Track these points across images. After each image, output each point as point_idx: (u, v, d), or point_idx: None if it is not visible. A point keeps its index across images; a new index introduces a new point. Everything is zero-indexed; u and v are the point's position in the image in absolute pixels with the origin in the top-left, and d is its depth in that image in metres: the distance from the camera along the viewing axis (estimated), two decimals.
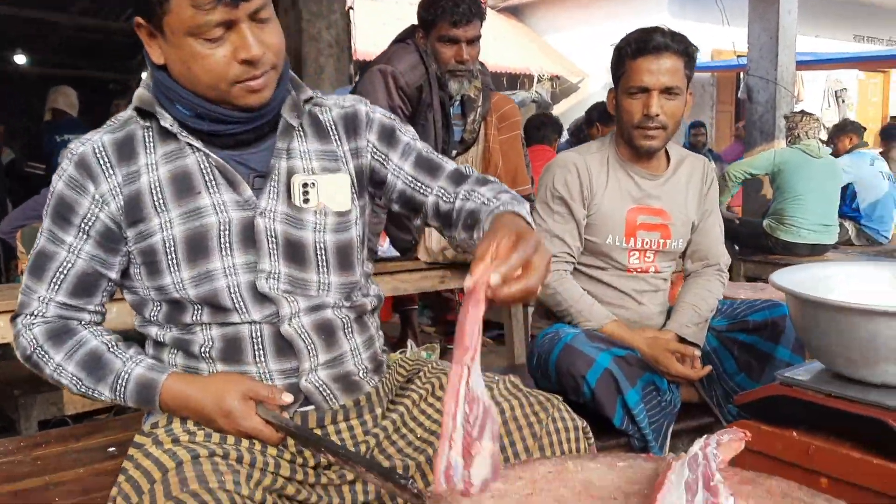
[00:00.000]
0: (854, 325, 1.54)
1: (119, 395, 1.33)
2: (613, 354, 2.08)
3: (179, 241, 1.32)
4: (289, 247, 1.37)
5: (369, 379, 1.47)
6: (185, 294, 1.33)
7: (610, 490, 1.17)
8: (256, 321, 1.35)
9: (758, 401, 1.74)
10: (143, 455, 1.23)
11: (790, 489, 1.16)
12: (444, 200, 1.46)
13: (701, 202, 2.37)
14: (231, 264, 1.33)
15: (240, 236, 1.34)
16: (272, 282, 1.35)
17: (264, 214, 1.35)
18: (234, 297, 1.34)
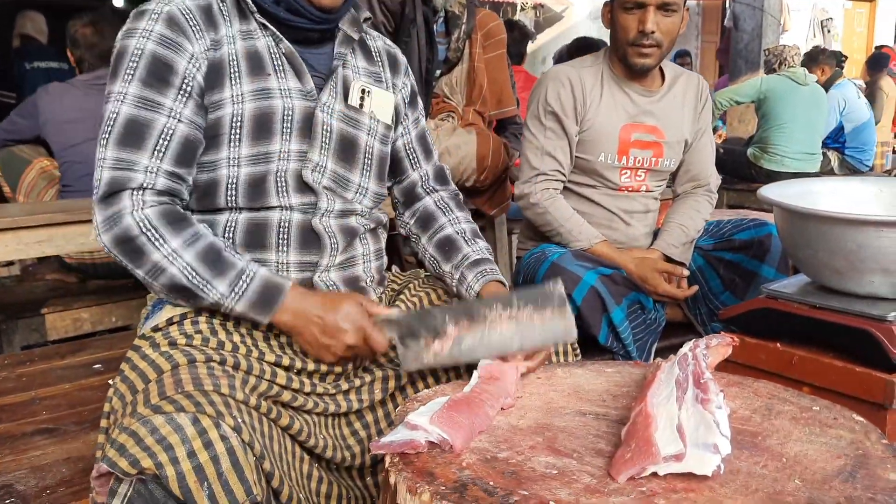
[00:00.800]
0: (841, 236, 1.54)
1: (236, 293, 1.26)
2: (599, 273, 2.08)
3: (248, 117, 1.32)
4: (342, 143, 1.41)
5: (374, 288, 1.50)
6: (236, 171, 1.32)
7: (598, 393, 1.18)
8: (293, 206, 1.36)
9: (743, 314, 1.76)
10: (139, 357, 1.22)
11: (776, 390, 1.17)
12: (422, 186, 1.63)
13: (695, 121, 2.34)
14: (287, 149, 1.35)
15: (300, 124, 1.36)
16: (316, 174, 1.37)
17: (323, 109, 1.39)
18: (279, 181, 1.35)
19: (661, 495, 0.85)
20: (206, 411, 1.06)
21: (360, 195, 1.45)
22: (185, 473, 1.01)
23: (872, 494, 0.85)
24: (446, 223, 1.59)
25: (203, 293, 1.26)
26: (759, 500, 0.84)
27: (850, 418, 1.06)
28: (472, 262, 1.51)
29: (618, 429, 1.02)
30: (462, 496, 0.85)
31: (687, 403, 0.97)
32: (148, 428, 1.04)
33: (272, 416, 1.18)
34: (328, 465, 1.29)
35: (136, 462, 1.01)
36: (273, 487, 1.10)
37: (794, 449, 0.97)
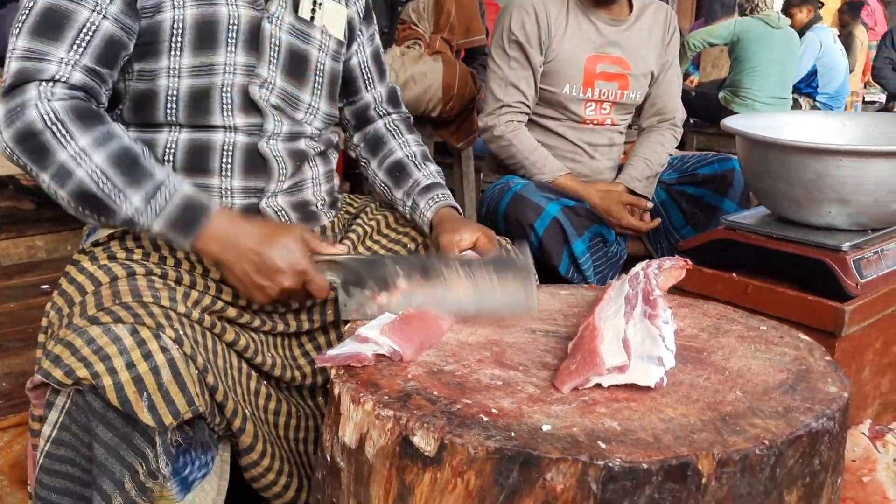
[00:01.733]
0: (801, 166, 1.54)
1: (152, 209, 1.11)
2: (562, 205, 2.07)
3: (190, 24, 1.23)
4: (291, 59, 1.33)
5: (326, 211, 1.45)
6: (176, 83, 1.24)
7: (551, 312, 1.18)
8: (237, 127, 1.28)
9: (702, 245, 1.77)
10: (77, 271, 1.18)
11: (726, 311, 1.18)
12: (374, 108, 1.58)
13: (662, 52, 2.30)
14: (232, 62, 1.27)
15: (246, 35, 1.28)
16: (264, 91, 1.30)
17: (272, 20, 1.30)
18: (224, 97, 1.27)
19: (602, 404, 0.86)
20: (145, 322, 1.03)
21: (310, 115, 1.38)
22: (124, 384, 0.99)
23: (811, 405, 0.86)
24: (396, 147, 1.53)
25: (114, 204, 1.10)
26: (699, 409, 0.85)
27: (795, 337, 1.07)
28: (424, 187, 1.47)
29: (566, 344, 1.02)
30: (405, 404, 0.85)
31: (634, 318, 0.97)
32: (84, 339, 1.01)
33: (216, 331, 1.15)
34: (278, 383, 1.28)
35: (71, 372, 0.99)
36: (217, 401, 1.08)
37: (738, 364, 0.98)
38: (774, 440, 0.78)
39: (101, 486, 1.02)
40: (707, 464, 0.75)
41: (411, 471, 0.81)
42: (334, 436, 0.91)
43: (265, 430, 1.20)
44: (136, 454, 1.03)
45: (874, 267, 1.57)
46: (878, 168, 1.49)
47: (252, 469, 1.17)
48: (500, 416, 0.82)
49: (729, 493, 0.77)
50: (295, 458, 1.25)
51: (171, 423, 1.02)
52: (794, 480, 0.81)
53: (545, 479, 0.75)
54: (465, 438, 0.77)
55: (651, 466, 0.74)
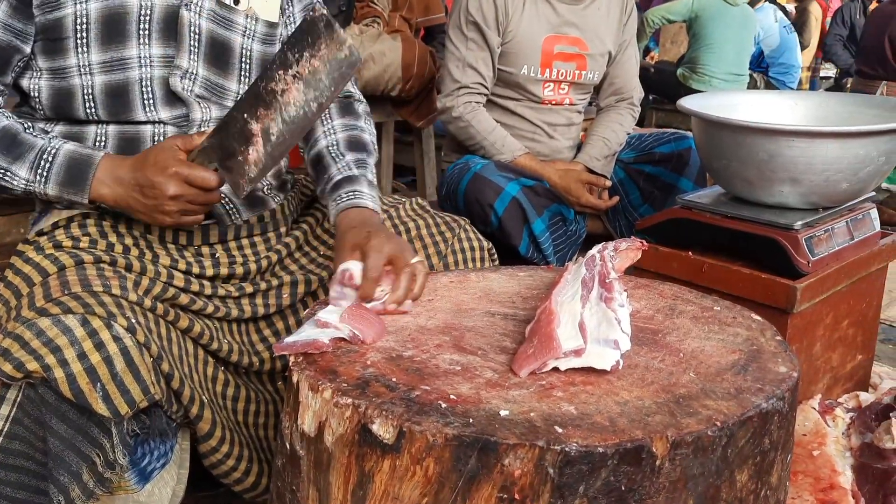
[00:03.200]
0: (753, 146, 1.56)
1: (40, 175, 1.15)
2: (522, 184, 2.09)
3: (94, 19, 1.20)
4: (213, 47, 1.29)
5: (274, 195, 1.43)
6: (89, 80, 1.22)
7: (509, 295, 1.18)
8: (163, 121, 1.26)
9: (658, 224, 1.79)
10: (23, 261, 1.16)
11: (681, 292, 1.20)
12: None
13: (619, 32, 2.31)
14: (147, 55, 1.23)
15: (161, 25, 1.24)
16: (187, 82, 1.26)
17: (190, 7, 1.25)
18: (144, 91, 1.24)
19: (559, 388, 0.87)
20: (95, 312, 1.02)
21: None
22: (76, 375, 0.97)
23: (761, 385, 0.88)
24: (321, 135, 1.42)
25: (8, 178, 1.15)
26: (654, 392, 0.86)
27: (748, 317, 1.09)
28: (333, 185, 1.33)
29: (524, 328, 1.03)
30: (364, 392, 0.85)
31: (591, 302, 0.98)
32: (33, 331, 0.99)
33: (169, 319, 1.14)
34: (236, 369, 1.27)
35: (20, 365, 0.97)
36: (173, 389, 1.07)
37: (691, 345, 0.99)
38: (726, 421, 0.80)
39: (58, 479, 1.00)
40: (661, 446, 0.77)
41: (370, 458, 0.81)
42: (293, 423, 0.91)
43: (224, 417, 1.19)
44: (93, 445, 1.02)
45: (825, 245, 1.61)
46: (828, 148, 1.52)
47: (211, 456, 1.16)
48: (459, 402, 0.83)
49: (682, 473, 0.78)
50: (255, 444, 1.25)
51: (127, 413, 1.01)
52: (745, 460, 0.83)
53: (503, 465, 0.76)
54: (423, 426, 0.78)
55: (607, 450, 0.75)
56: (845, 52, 6.45)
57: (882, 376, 1.94)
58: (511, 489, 0.76)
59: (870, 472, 1.37)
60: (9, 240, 2.59)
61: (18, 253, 1.20)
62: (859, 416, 1.47)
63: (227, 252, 1.34)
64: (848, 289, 1.71)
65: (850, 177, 1.56)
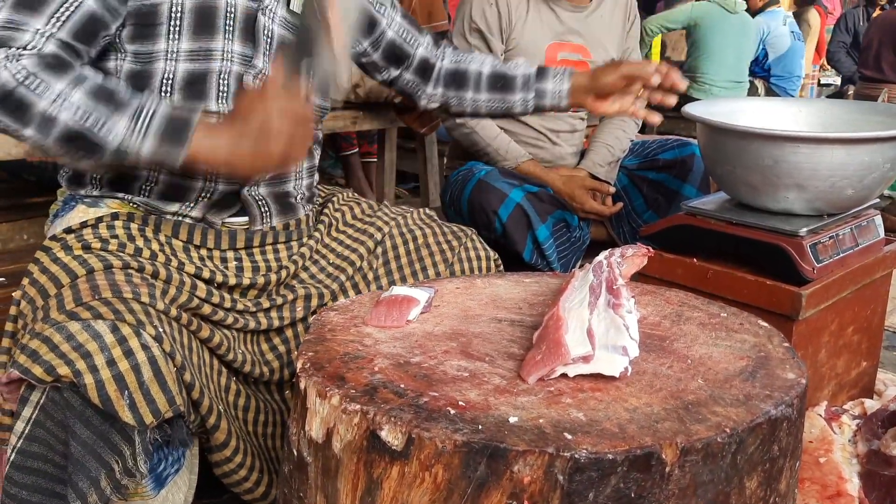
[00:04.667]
0: (758, 152, 1.56)
1: (140, 128, 1.10)
2: (526, 190, 2.09)
3: (189, 9, 1.24)
4: None
5: (304, 205, 1.45)
6: (173, 66, 1.25)
7: (516, 301, 1.18)
8: None
9: (663, 231, 1.79)
10: (50, 260, 1.15)
11: (687, 298, 1.20)
12: (431, 55, 1.62)
13: (623, 39, 2.32)
14: (230, 49, 1.28)
15: (242, 25, 1.29)
16: (259, 82, 1.30)
17: (265, 12, 1.31)
18: (221, 82, 1.28)
19: (567, 394, 0.86)
20: (125, 319, 1.02)
21: None
22: (105, 382, 0.97)
23: (770, 392, 0.88)
24: (477, 66, 1.62)
25: (101, 137, 1.09)
26: (663, 398, 0.86)
27: (755, 324, 1.09)
28: (537, 74, 1.59)
29: (531, 334, 1.03)
30: (372, 398, 0.85)
31: (598, 308, 0.98)
32: (63, 334, 0.99)
33: (192, 328, 1.14)
34: (246, 379, 1.27)
35: (51, 369, 0.97)
36: (193, 399, 1.07)
37: (699, 351, 0.99)
38: (735, 428, 0.80)
39: (77, 484, 1.00)
40: (671, 453, 0.77)
41: (379, 465, 0.81)
42: (300, 430, 0.91)
43: (237, 427, 1.20)
44: (114, 452, 1.02)
45: (830, 251, 1.61)
46: (834, 154, 1.52)
47: (224, 465, 1.16)
48: (468, 408, 0.83)
49: (692, 480, 0.78)
50: (265, 454, 1.25)
51: (152, 423, 1.01)
52: (755, 466, 0.83)
53: (512, 472, 0.76)
54: (432, 432, 0.78)
55: (616, 457, 0.75)
56: (848, 60, 6.46)
57: (887, 383, 1.93)
58: (520, 496, 0.76)
59: (877, 479, 1.36)
60: (12, 246, 2.59)
61: (45, 249, 1.19)
62: (866, 423, 1.46)
63: (251, 257, 1.35)
64: (853, 295, 1.71)
65: (855, 183, 1.56)
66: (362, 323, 1.07)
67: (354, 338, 1.02)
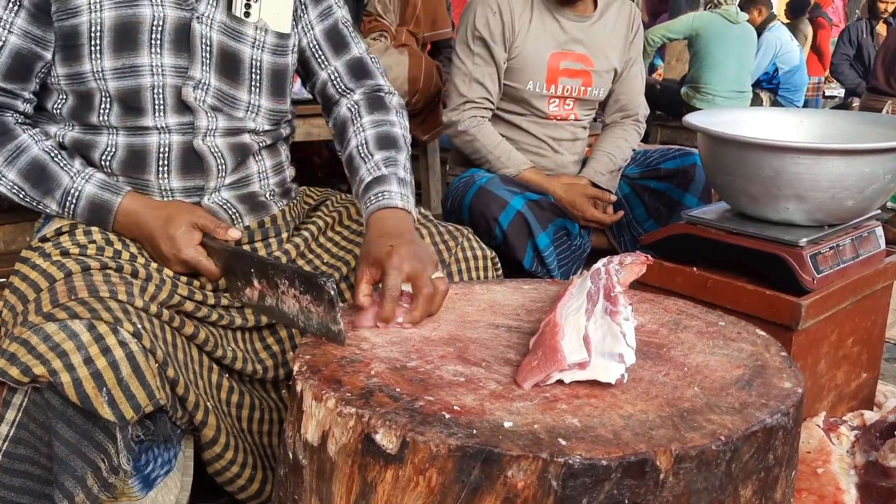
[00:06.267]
0: (759, 162, 1.56)
1: (68, 212, 1.26)
2: (527, 198, 2.09)
3: (108, 26, 1.23)
4: (223, 58, 1.31)
5: (276, 201, 1.44)
6: (104, 85, 1.25)
7: (513, 308, 1.18)
8: (169, 127, 1.28)
9: (663, 240, 1.79)
10: (29, 268, 1.16)
11: (686, 306, 1.20)
12: (333, 85, 1.48)
13: (625, 50, 2.32)
14: (159, 63, 1.27)
15: (172, 36, 1.27)
16: (199, 92, 1.29)
17: (201, 20, 1.28)
18: (155, 97, 1.27)
19: (563, 400, 0.87)
20: (102, 317, 1.02)
21: (251, 113, 1.36)
22: (82, 380, 0.98)
23: (766, 401, 0.88)
24: (351, 136, 1.42)
25: (42, 208, 1.27)
26: (658, 405, 0.86)
27: (752, 332, 1.09)
28: (364, 187, 1.34)
29: (529, 340, 1.03)
30: (367, 402, 0.85)
31: (596, 315, 0.98)
32: (40, 336, 1.00)
33: (175, 325, 1.14)
34: (240, 376, 1.27)
35: (27, 370, 0.98)
36: (178, 395, 1.08)
37: (696, 360, 0.99)
38: (730, 436, 0.80)
39: (63, 484, 1.01)
40: (665, 460, 0.76)
41: (373, 468, 0.81)
42: (296, 432, 0.91)
43: (228, 423, 1.20)
44: (98, 450, 1.02)
45: (830, 262, 1.61)
46: (834, 165, 1.52)
47: (215, 462, 1.16)
48: (463, 413, 0.83)
49: (686, 488, 0.78)
50: (259, 451, 1.25)
51: (132, 417, 1.01)
52: (749, 475, 0.83)
53: (506, 477, 0.76)
54: (426, 436, 0.78)
55: (610, 463, 0.75)
56: (852, 72, 6.46)
57: (887, 395, 1.93)
58: (514, 501, 0.76)
59: (874, 491, 1.36)
60: (14, 247, 2.60)
61: (24, 259, 1.21)
62: (864, 435, 1.46)
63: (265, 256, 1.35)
64: (853, 306, 1.71)
65: (855, 194, 1.56)
66: (353, 327, 1.07)
67: (351, 341, 1.02)
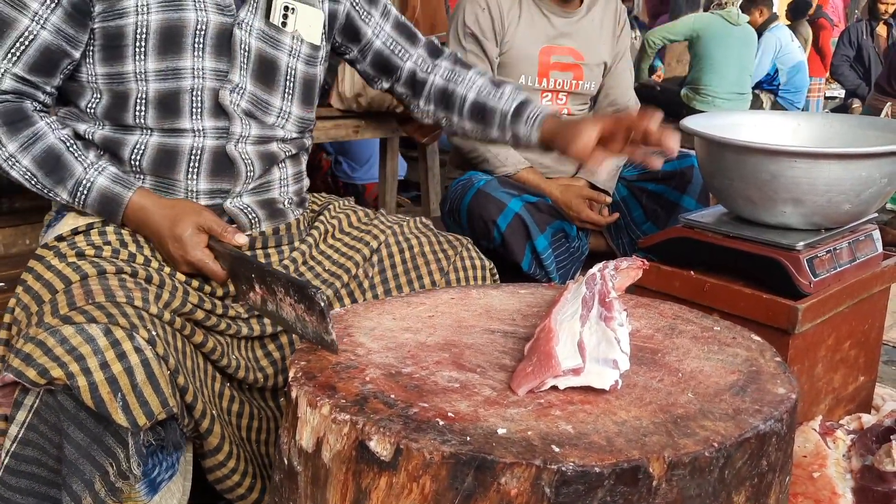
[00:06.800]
0: (756, 166, 1.56)
1: (79, 202, 1.26)
2: (525, 200, 2.09)
3: (154, 29, 1.25)
4: (261, 64, 1.35)
5: (293, 209, 1.47)
6: (144, 87, 1.27)
7: (510, 313, 1.19)
8: (205, 130, 1.31)
9: (661, 243, 1.79)
10: (44, 267, 1.17)
11: (681, 311, 1.20)
12: (421, 69, 1.58)
13: (613, 43, 2.34)
14: (201, 66, 1.29)
15: (214, 41, 1.30)
16: (235, 96, 1.32)
17: (241, 26, 1.32)
18: (194, 100, 1.29)
19: (557, 406, 0.87)
20: (118, 323, 1.03)
21: (282, 119, 1.40)
22: (98, 384, 0.98)
23: (759, 407, 0.88)
24: (464, 90, 1.56)
25: (52, 196, 1.27)
26: (652, 412, 0.86)
27: (747, 338, 1.09)
28: (512, 115, 1.51)
29: (524, 346, 1.03)
30: (362, 409, 0.85)
31: (591, 321, 0.98)
32: (57, 338, 1.00)
33: (185, 333, 1.15)
34: (240, 385, 1.28)
35: (44, 372, 0.98)
36: (186, 402, 1.08)
37: (691, 365, 0.99)
38: (723, 442, 0.80)
39: (71, 487, 1.01)
40: (658, 466, 0.77)
41: (367, 475, 0.81)
42: (291, 439, 0.91)
43: (230, 432, 1.20)
44: (107, 455, 1.03)
45: (827, 266, 1.61)
46: (831, 169, 1.53)
47: (217, 470, 1.17)
48: (457, 419, 0.83)
49: (679, 494, 0.78)
50: (258, 460, 1.26)
51: (145, 424, 1.02)
52: (743, 481, 0.83)
53: (500, 484, 0.76)
54: (420, 443, 0.78)
55: (603, 470, 0.75)
56: (852, 73, 6.47)
57: (885, 398, 1.93)
58: None
59: (870, 495, 1.36)
60: (14, 251, 2.60)
61: (38, 258, 1.21)
62: (860, 439, 1.46)
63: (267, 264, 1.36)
64: (850, 310, 1.71)
65: (852, 198, 1.57)
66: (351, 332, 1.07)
67: (347, 347, 1.02)
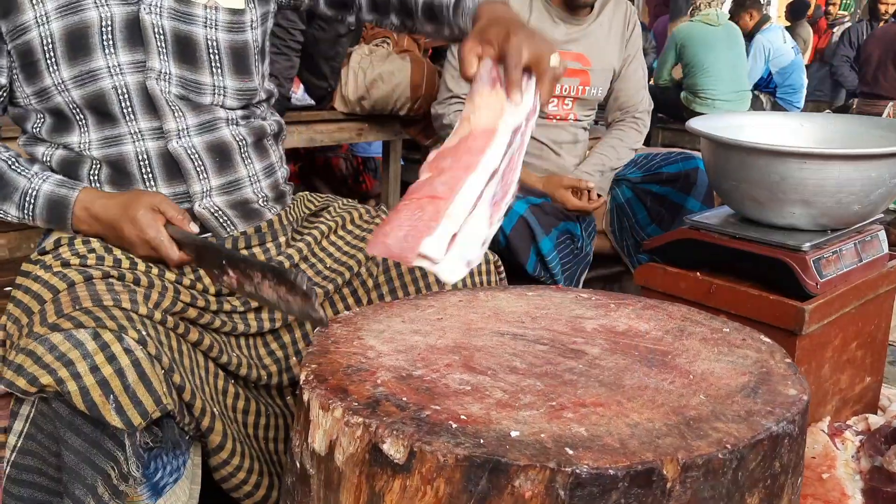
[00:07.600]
0: (765, 167, 1.56)
1: (27, 214, 1.26)
2: (529, 203, 2.10)
3: (58, 37, 1.23)
4: (178, 44, 1.29)
5: (270, 207, 1.43)
6: (69, 97, 1.25)
7: (518, 315, 1.18)
8: (142, 132, 1.28)
9: (667, 245, 1.79)
10: (31, 280, 1.17)
11: (690, 313, 1.20)
12: None
13: (622, 48, 2.34)
14: (116, 63, 1.26)
15: (124, 33, 1.26)
16: (163, 83, 1.28)
17: (149, 10, 1.27)
18: (121, 100, 1.27)
19: (569, 409, 0.87)
20: (106, 326, 1.02)
21: (219, 96, 1.34)
22: (89, 388, 0.98)
23: (771, 408, 0.88)
24: None
25: (2, 215, 1.27)
26: (664, 414, 0.86)
27: (757, 339, 1.09)
28: (454, 6, 1.34)
29: (534, 348, 1.03)
30: (374, 411, 0.85)
31: (484, 197, 1.03)
32: (46, 346, 1.00)
33: (179, 332, 1.14)
34: (245, 382, 1.27)
35: (34, 380, 0.98)
36: (185, 401, 1.07)
37: (701, 367, 0.99)
38: (737, 444, 0.80)
39: (74, 493, 1.01)
40: (672, 469, 0.77)
41: (381, 478, 0.81)
42: (304, 442, 0.91)
43: (235, 430, 1.20)
44: (107, 458, 1.02)
45: (833, 266, 1.61)
46: (841, 170, 1.53)
47: (222, 468, 1.16)
48: (469, 422, 0.83)
49: (693, 496, 0.78)
50: (265, 457, 1.25)
51: (140, 424, 1.02)
52: (756, 483, 0.83)
53: (514, 486, 0.76)
54: (434, 446, 0.78)
55: (617, 472, 0.75)
56: (852, 74, 6.47)
57: (891, 399, 1.93)
58: None
59: (880, 496, 1.36)
60: (19, 255, 2.61)
61: (25, 273, 1.21)
62: (869, 440, 1.46)
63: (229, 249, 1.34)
64: (856, 311, 1.71)
65: (861, 199, 1.57)
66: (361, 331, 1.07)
67: (357, 350, 1.02)
